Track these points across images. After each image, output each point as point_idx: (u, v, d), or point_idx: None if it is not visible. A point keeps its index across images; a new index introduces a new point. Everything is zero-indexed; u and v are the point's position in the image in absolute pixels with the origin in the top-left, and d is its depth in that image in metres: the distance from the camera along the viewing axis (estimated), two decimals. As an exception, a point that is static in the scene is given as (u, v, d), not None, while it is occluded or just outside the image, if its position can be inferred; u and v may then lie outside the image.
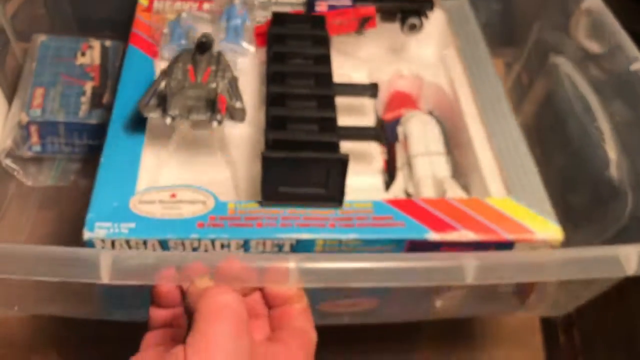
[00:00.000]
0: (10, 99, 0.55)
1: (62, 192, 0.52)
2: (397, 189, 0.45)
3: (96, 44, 0.58)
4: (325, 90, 0.44)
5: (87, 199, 0.49)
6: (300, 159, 0.38)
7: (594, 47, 0.54)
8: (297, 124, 0.41)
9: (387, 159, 0.50)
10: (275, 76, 0.45)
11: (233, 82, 0.45)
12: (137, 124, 0.44)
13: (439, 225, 0.38)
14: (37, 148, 0.51)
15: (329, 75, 0.45)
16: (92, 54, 0.57)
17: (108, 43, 0.59)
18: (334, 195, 0.39)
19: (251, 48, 0.53)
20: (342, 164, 0.38)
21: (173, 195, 0.39)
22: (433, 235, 0.38)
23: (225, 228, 0.37)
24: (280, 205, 0.39)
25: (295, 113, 0.42)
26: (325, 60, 0.46)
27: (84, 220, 0.37)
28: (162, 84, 0.43)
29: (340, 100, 0.47)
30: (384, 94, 0.54)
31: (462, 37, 0.55)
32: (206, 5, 0.56)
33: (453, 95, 0.51)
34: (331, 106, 0.43)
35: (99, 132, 0.52)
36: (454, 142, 0.51)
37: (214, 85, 0.43)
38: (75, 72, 0.55)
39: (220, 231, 0.37)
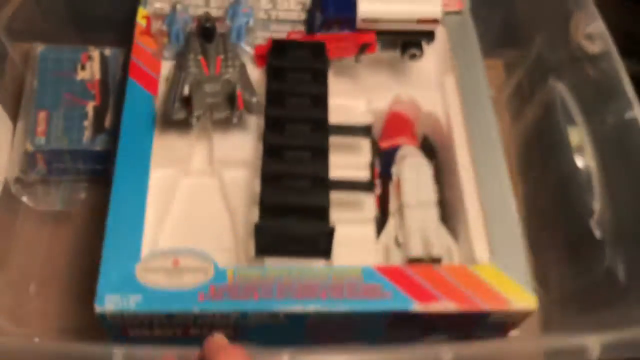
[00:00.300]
0: (12, 113, 0.56)
1: (72, 211, 0.54)
2: (388, 237, 0.48)
3: (95, 53, 0.58)
4: (320, 140, 0.45)
5: (97, 214, 0.52)
6: (290, 228, 0.41)
7: (592, 77, 0.54)
8: (290, 181, 0.43)
9: (381, 193, 0.52)
10: (272, 122, 0.46)
11: (243, 70, 0.50)
12: (140, 176, 0.45)
13: (424, 296, 0.41)
14: (44, 171, 0.53)
15: (324, 120, 0.46)
16: (92, 66, 0.57)
17: (107, 52, 0.58)
18: (321, 251, 0.43)
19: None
20: (329, 234, 0.41)
21: (176, 262, 0.41)
22: (417, 307, 0.41)
23: (225, 300, 0.40)
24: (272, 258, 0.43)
25: (289, 168, 0.44)
26: (323, 100, 0.47)
27: (97, 239, 0.41)
28: (185, 89, 0.47)
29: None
30: (381, 115, 0.55)
31: (461, 61, 0.54)
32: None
33: (448, 130, 0.52)
34: (324, 159, 0.45)
35: (103, 158, 0.53)
36: (446, 178, 0.52)
37: (227, 76, 0.48)
38: (77, 90, 0.55)
39: (221, 304, 0.40)
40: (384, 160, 0.53)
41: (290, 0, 0.56)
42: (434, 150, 0.55)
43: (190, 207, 0.47)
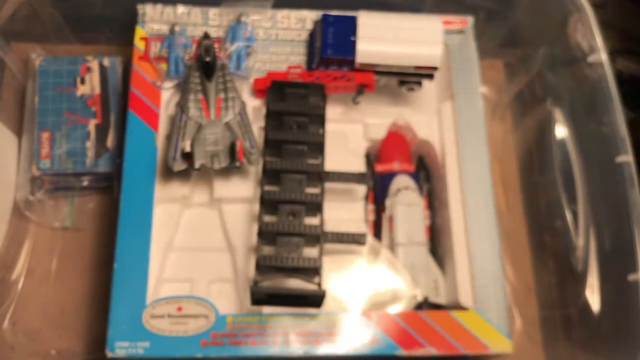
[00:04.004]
0: (14, 125, 0.57)
1: (82, 226, 0.56)
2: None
3: (94, 64, 0.58)
4: (316, 196, 0.47)
5: (106, 226, 0.55)
6: (284, 289, 0.44)
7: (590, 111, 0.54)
8: (285, 237, 0.45)
9: (375, 219, 0.54)
10: (269, 173, 0.47)
11: (243, 112, 0.51)
12: (144, 213, 0.48)
13: (408, 342, 0.45)
14: (51, 189, 0.55)
15: (320, 172, 0.48)
16: (91, 79, 0.57)
17: (106, 62, 0.58)
18: (313, 304, 0.45)
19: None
20: (319, 298, 0.44)
21: (179, 309, 0.44)
22: (402, 352, 0.45)
23: (225, 346, 0.44)
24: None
25: (284, 225, 0.45)
26: (319, 148, 0.49)
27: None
28: (186, 145, 0.48)
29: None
30: (377, 140, 0.55)
31: (461, 89, 0.54)
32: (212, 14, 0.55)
33: (442, 160, 0.53)
34: (319, 212, 0.47)
35: (107, 178, 0.55)
36: (438, 207, 0.54)
37: (227, 119, 0.50)
38: (78, 107, 0.56)
39: (221, 349, 0.44)
40: (379, 185, 0.55)
41: (290, 18, 0.56)
42: (429, 171, 0.56)
43: (192, 237, 0.50)
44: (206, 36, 0.51)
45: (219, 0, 0.55)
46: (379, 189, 0.55)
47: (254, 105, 0.53)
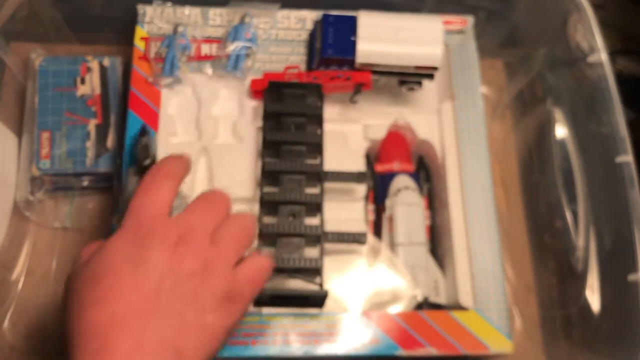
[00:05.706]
0: (14, 125, 0.57)
1: (82, 226, 0.56)
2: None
3: (94, 64, 0.58)
4: (315, 196, 0.47)
5: (106, 227, 0.55)
6: (286, 290, 0.44)
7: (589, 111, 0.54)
8: (286, 238, 0.45)
9: (375, 219, 0.54)
10: (268, 175, 0.47)
11: None
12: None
13: (408, 342, 0.45)
14: (51, 189, 0.55)
15: (319, 172, 0.48)
16: (91, 79, 0.57)
17: (106, 62, 0.58)
18: (315, 304, 0.45)
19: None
20: (322, 298, 0.44)
21: (180, 309, 0.44)
22: (402, 352, 0.45)
23: (225, 346, 0.43)
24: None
25: (284, 226, 0.45)
26: (318, 148, 0.49)
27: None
28: None
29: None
30: (377, 140, 0.55)
31: (461, 89, 0.55)
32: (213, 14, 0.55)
33: (442, 160, 0.53)
34: (319, 212, 0.47)
35: (107, 178, 0.55)
36: (438, 207, 0.54)
37: None
38: (78, 108, 0.56)
39: (221, 350, 0.43)
40: (379, 184, 0.55)
41: (290, 18, 0.56)
42: (429, 171, 0.56)
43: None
44: (144, 131, 0.45)
45: (220, 1, 0.55)
46: (379, 189, 0.55)
47: (252, 106, 0.53)
